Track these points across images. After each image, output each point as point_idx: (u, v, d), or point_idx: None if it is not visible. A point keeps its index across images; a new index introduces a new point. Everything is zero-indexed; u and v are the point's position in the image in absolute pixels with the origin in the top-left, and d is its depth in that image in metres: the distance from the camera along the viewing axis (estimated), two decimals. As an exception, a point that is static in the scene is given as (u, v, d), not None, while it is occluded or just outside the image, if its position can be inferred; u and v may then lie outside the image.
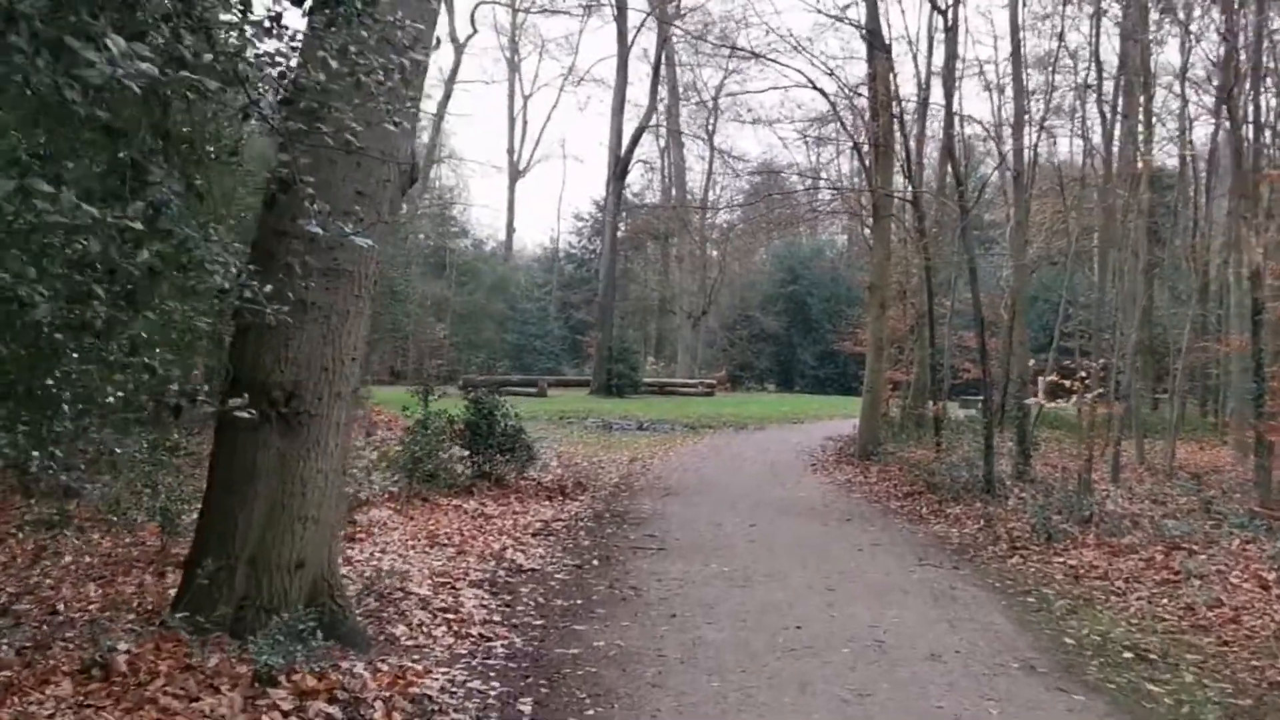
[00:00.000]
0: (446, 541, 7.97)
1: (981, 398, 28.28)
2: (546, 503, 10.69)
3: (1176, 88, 18.09)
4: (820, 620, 6.12)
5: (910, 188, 14.85)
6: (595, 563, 7.68)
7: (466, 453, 11.19)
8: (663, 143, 44.91)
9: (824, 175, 41.91)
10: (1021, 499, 11.81)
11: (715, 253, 47.04)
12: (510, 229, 49.61)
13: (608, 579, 7.08)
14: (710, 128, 42.86)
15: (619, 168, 32.15)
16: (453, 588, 6.35)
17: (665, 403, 29.31)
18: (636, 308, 48.47)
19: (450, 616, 5.63)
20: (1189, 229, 22.82)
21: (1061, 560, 8.56)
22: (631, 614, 6.13)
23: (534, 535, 8.72)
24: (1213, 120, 18.45)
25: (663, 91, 37.83)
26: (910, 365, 19.49)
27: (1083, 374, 10.45)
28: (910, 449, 14.83)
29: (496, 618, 5.84)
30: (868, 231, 21.00)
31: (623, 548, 8.39)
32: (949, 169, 20.38)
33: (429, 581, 6.41)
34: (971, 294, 11.94)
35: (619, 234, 38.91)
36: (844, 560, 8.21)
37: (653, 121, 34.76)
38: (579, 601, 6.40)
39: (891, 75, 14.15)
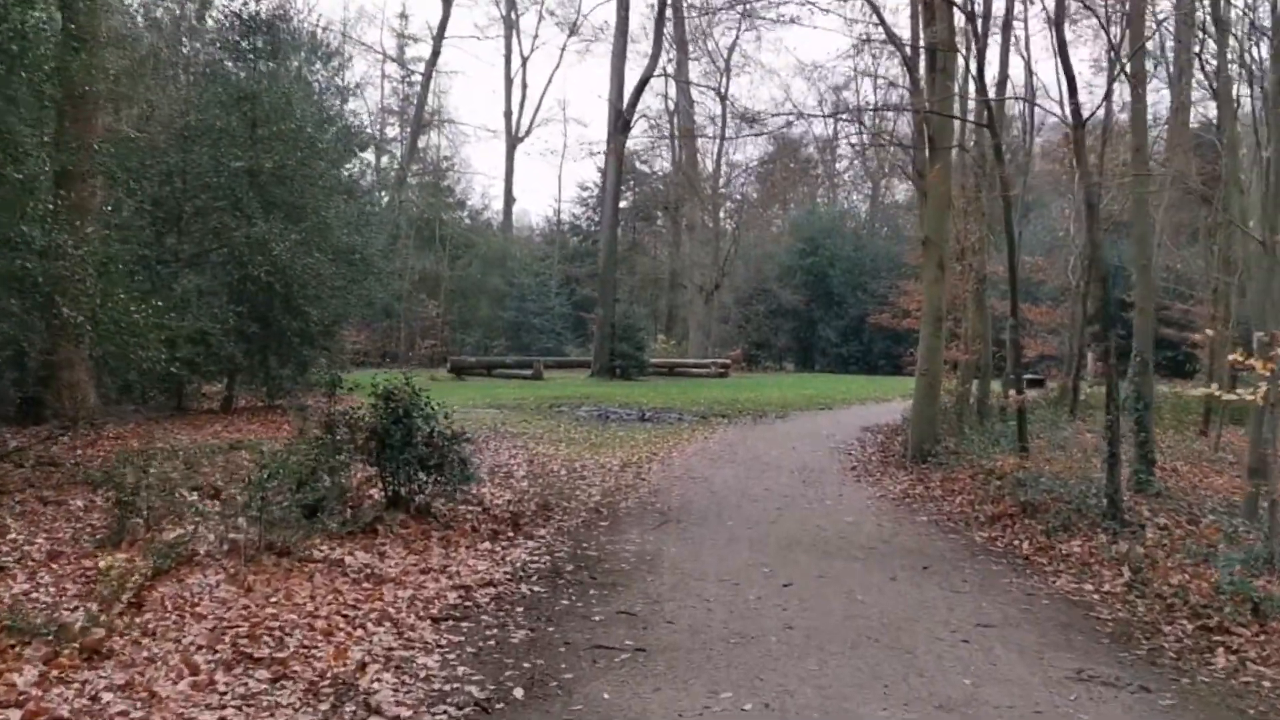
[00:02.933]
0: (268, 648, 4.66)
1: (1037, 378, 24.85)
2: (485, 544, 7.38)
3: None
4: None
5: (980, 97, 11.23)
6: (519, 693, 4.36)
7: (375, 470, 7.90)
8: (672, 104, 41.22)
9: (848, 133, 38.25)
10: (1162, 528, 8.44)
11: (729, 224, 43.42)
12: (509, 198, 46.05)
13: (527, 747, 3.77)
14: (721, 87, 39.17)
15: (620, 121, 28.57)
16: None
17: (673, 386, 25.98)
18: (645, 282, 45.03)
19: None
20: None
21: (1298, 658, 5.22)
22: None
23: (436, 620, 5.41)
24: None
25: (669, 45, 34.13)
26: (966, 341, 15.98)
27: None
28: (989, 453, 11.40)
29: None
30: (906, 191, 17.65)
31: (576, 645, 5.07)
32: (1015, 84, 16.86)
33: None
34: (1088, 239, 8.47)
35: (623, 204, 35.38)
36: (944, 670, 4.86)
37: (658, 70, 31.05)
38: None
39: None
